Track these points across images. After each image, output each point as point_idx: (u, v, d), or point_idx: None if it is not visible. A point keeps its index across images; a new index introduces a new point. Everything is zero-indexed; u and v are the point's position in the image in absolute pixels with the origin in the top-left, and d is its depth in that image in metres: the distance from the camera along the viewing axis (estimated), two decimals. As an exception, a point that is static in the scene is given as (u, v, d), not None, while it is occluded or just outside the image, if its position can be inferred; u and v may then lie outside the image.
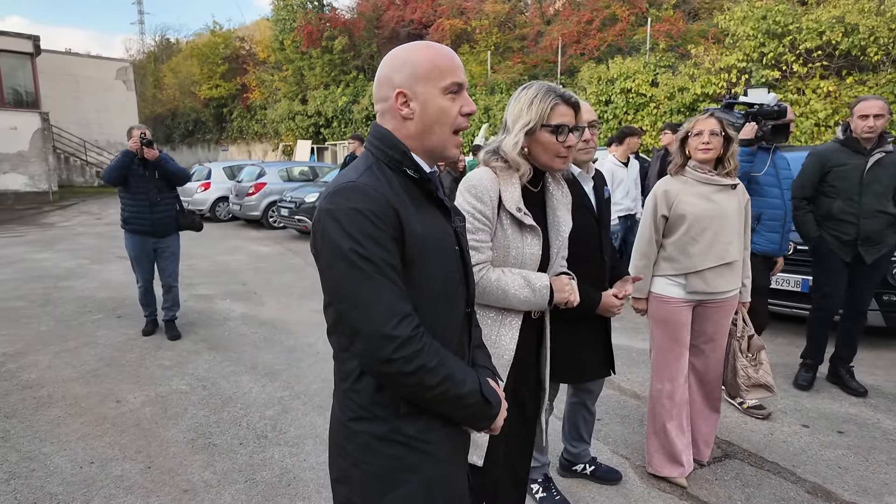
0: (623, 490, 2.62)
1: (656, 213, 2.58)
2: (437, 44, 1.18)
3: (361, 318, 1.03)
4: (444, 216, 1.20)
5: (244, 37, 31.56)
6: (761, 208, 3.31)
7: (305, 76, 23.97)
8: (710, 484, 2.66)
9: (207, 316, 5.50)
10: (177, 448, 2.99)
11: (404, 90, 1.12)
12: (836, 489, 2.61)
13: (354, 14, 23.84)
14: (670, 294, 2.57)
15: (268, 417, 3.34)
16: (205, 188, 13.30)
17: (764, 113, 3.22)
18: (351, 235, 1.02)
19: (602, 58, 14.75)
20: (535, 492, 2.55)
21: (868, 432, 3.15)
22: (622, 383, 3.86)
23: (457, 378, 1.10)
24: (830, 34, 9.80)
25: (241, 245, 10.04)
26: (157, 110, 35.71)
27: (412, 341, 1.03)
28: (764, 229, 3.35)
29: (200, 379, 3.92)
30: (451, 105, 1.14)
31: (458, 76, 1.14)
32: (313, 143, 22.50)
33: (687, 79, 11.95)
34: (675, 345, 2.59)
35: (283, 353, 4.43)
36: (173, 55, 37.70)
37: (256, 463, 2.84)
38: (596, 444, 3.01)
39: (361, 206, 1.03)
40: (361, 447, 1.12)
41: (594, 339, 2.34)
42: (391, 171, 1.12)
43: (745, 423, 3.28)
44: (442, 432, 1.17)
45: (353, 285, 1.03)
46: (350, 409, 1.14)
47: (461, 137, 1.19)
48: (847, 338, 3.74)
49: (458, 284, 1.20)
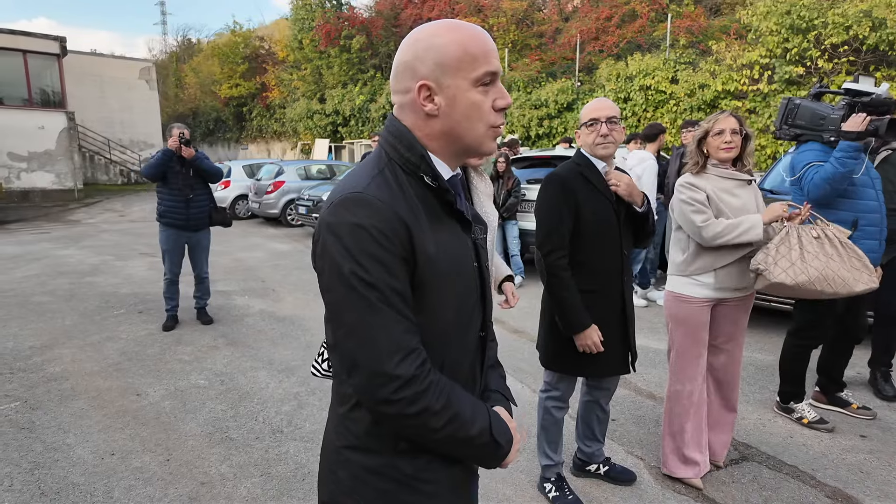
0: (637, 491, 2.60)
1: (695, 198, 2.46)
2: (467, 23, 0.99)
3: (359, 351, 0.91)
4: (462, 228, 1.06)
5: (263, 36, 31.92)
6: (858, 212, 2.94)
7: (324, 75, 24.15)
8: (726, 486, 2.62)
9: (227, 312, 5.58)
10: (195, 441, 3.04)
11: (428, 82, 0.95)
12: (857, 494, 2.55)
13: (372, 13, 23.94)
14: (692, 294, 2.54)
15: (284, 413, 3.38)
16: (225, 186, 13.47)
17: (875, 104, 2.80)
18: (353, 256, 0.89)
19: (621, 55, 14.60)
20: (548, 491, 2.54)
21: (892, 437, 3.08)
22: (638, 383, 3.83)
23: (464, 418, 0.97)
24: (857, 28, 9.56)
25: (260, 242, 10.17)
26: (179, 109, 36.29)
27: (416, 381, 0.91)
28: (861, 236, 2.93)
29: (219, 374, 3.99)
30: (484, 99, 0.96)
31: (492, 64, 0.96)
32: (331, 142, 22.66)
33: (708, 75, 11.77)
34: (695, 345, 2.56)
35: (299, 350, 4.48)
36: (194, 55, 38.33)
37: (272, 457, 2.88)
38: (610, 445, 2.99)
39: (366, 221, 0.90)
40: (353, 477, 1.02)
41: (614, 334, 2.36)
42: (406, 175, 0.98)
43: (763, 425, 3.22)
44: (444, 473, 1.05)
45: (352, 313, 0.90)
46: (345, 436, 1.03)
47: (500, 129, 1.02)
48: (880, 341, 3.66)
49: (475, 306, 1.08)
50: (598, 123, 2.25)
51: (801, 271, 2.30)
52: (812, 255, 2.33)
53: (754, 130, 10.85)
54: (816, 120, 2.96)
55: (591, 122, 2.26)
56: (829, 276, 2.32)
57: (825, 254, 2.35)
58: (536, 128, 14.96)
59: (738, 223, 2.38)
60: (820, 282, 2.32)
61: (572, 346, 2.34)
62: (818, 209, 3.01)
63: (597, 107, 2.28)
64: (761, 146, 10.72)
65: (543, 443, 2.57)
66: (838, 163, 2.81)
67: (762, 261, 2.36)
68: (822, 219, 2.46)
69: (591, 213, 2.28)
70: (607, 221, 2.30)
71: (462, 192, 1.10)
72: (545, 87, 15.23)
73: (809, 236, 2.38)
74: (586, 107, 2.32)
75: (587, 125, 2.28)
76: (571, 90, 14.69)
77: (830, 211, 2.99)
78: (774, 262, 2.33)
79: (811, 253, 2.34)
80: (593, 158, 2.32)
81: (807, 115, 3.00)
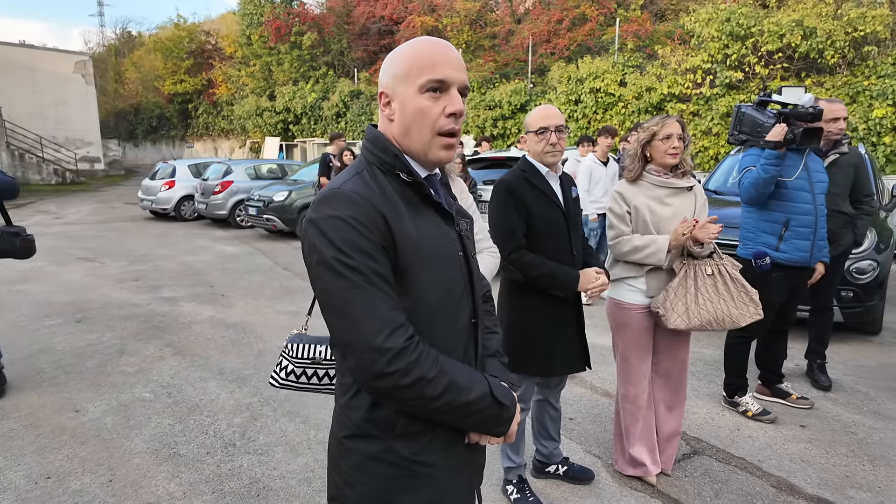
0: (595, 489, 2.64)
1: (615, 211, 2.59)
2: (433, 39, 1.10)
3: (350, 331, 0.98)
4: (444, 220, 1.14)
5: (210, 31, 30.88)
6: (790, 214, 3.11)
7: (273, 72, 23.57)
8: (679, 481, 2.70)
9: (173, 319, 5.34)
10: (140, 459, 2.88)
11: (386, 90, 1.09)
12: (799, 483, 2.68)
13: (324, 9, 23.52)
14: (631, 300, 2.58)
15: (236, 425, 3.25)
16: (169, 186, 12.93)
17: (798, 115, 2.98)
18: (334, 244, 0.97)
19: (572, 57, 14.91)
20: (510, 493, 2.55)
21: (829, 426, 3.25)
22: (594, 382, 3.90)
23: (461, 384, 1.03)
24: (790, 37, 10.12)
25: (207, 245, 9.80)
26: (119, 105, 34.63)
27: (406, 352, 0.97)
28: (792, 236, 3.12)
29: (165, 386, 3.80)
30: (432, 105, 1.05)
31: (438, 73, 1.05)
32: (282, 140, 22.13)
33: (654, 79, 12.18)
34: (639, 350, 2.61)
35: (251, 358, 4.33)
36: (135, 49, 36.61)
37: (224, 473, 2.76)
38: (569, 444, 3.03)
39: (344, 213, 0.98)
40: (355, 466, 1.08)
41: (568, 333, 2.42)
42: (384, 175, 1.07)
43: (712, 419, 3.35)
44: (442, 453, 1.11)
45: (340, 296, 0.98)
46: (345, 425, 1.10)
47: (453, 139, 1.09)
48: (816, 333, 3.86)
49: (463, 293, 1.13)
50: (549, 132, 2.27)
51: (694, 315, 2.42)
52: (705, 298, 2.45)
53: (698, 133, 11.31)
54: (756, 128, 3.13)
55: (542, 130, 2.28)
56: (719, 316, 2.45)
57: (717, 293, 2.47)
58: (491, 128, 15.09)
59: (644, 245, 2.46)
60: (711, 323, 2.46)
61: (529, 347, 2.36)
62: (756, 210, 3.22)
63: (546, 115, 2.30)
64: (704, 148, 11.18)
65: (505, 445, 2.57)
66: (761, 168, 3.04)
67: (661, 304, 2.47)
68: (718, 252, 2.56)
69: (540, 218, 2.32)
70: (556, 224, 2.35)
71: (442, 190, 1.18)
72: (499, 88, 15.39)
73: (704, 274, 2.48)
74: (534, 114, 2.33)
75: (537, 133, 2.29)
76: (524, 91, 14.89)
77: (765, 212, 3.20)
78: (672, 308, 2.44)
79: (704, 295, 2.45)
80: (538, 164, 2.35)
81: (749, 123, 3.17)
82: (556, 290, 2.34)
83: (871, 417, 3.34)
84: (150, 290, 6.44)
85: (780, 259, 3.14)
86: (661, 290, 2.51)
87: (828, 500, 2.55)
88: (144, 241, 10.04)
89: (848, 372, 4.01)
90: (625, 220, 2.54)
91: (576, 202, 2.47)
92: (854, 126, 9.10)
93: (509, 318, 2.42)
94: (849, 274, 4.31)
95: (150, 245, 9.60)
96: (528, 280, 2.33)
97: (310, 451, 2.96)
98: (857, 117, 9.17)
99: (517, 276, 2.35)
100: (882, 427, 3.22)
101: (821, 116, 3.01)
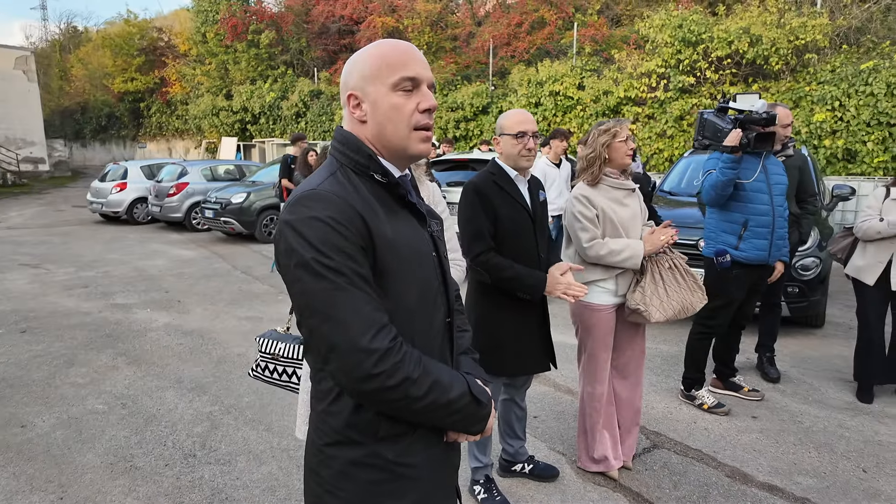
0: (560, 486, 2.69)
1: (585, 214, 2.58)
2: (395, 40, 1.11)
3: (335, 332, 0.96)
4: (418, 221, 1.14)
5: (162, 27, 29.84)
6: (748, 215, 3.22)
7: (230, 70, 22.99)
8: (640, 475, 2.78)
9: (126, 327, 5.14)
10: (93, 474, 2.76)
11: (355, 92, 1.08)
12: (751, 471, 2.81)
13: (282, 8, 23.10)
14: (600, 302, 2.63)
15: (196, 435, 3.16)
16: (120, 189, 12.43)
17: (752, 120, 3.11)
18: (314, 246, 0.95)
19: (532, 60, 15.12)
20: (477, 493, 2.57)
21: (778, 416, 3.41)
22: (557, 380, 3.97)
23: (444, 383, 1.04)
24: (738, 44, 10.55)
25: (161, 249, 9.47)
26: (65, 103, 33.06)
27: (392, 352, 0.96)
28: (751, 236, 3.23)
29: (119, 397, 3.65)
30: (405, 102, 1.06)
31: (410, 70, 1.06)
32: (240, 141, 21.60)
33: (611, 82, 12.48)
34: (604, 350, 2.68)
35: (210, 365, 4.21)
36: (81, 45, 35.00)
37: (184, 485, 2.68)
38: (534, 442, 3.08)
39: (323, 213, 0.97)
40: (337, 474, 1.06)
41: (533, 333, 2.46)
42: (358, 176, 1.06)
43: (670, 413, 3.46)
44: (424, 455, 1.11)
45: (323, 298, 0.96)
46: (325, 432, 1.07)
47: (429, 132, 1.10)
48: (766, 327, 4.04)
49: (437, 293, 1.14)
50: (527, 137, 2.30)
51: (668, 307, 2.53)
52: (672, 289, 2.56)
53: (653, 135, 11.67)
54: (716, 133, 3.24)
55: (521, 134, 2.30)
56: (685, 305, 2.57)
57: (677, 283, 2.59)
58: (454, 130, 15.14)
59: (620, 250, 2.52)
60: (680, 312, 2.57)
61: (497, 347, 2.38)
62: (717, 211, 3.35)
63: (524, 119, 2.32)
64: (659, 150, 11.53)
65: (473, 445, 2.59)
66: (719, 172, 3.17)
67: (640, 301, 2.54)
68: (670, 249, 2.67)
69: (507, 220, 2.35)
70: (523, 227, 2.39)
71: (413, 190, 1.17)
72: (461, 90, 15.46)
73: (664, 268, 2.59)
74: (511, 117, 2.33)
75: (516, 136, 2.30)
76: (486, 94, 15.01)
77: (725, 212, 3.32)
78: (650, 303, 2.53)
79: (671, 287, 2.56)
80: (507, 168, 2.38)
81: (710, 129, 3.28)
82: (523, 292, 2.36)
83: (816, 407, 3.53)
84: (100, 297, 6.18)
85: (740, 257, 3.25)
86: (630, 289, 2.58)
87: (777, 486, 2.68)
88: (94, 245, 9.63)
89: (795, 364, 4.22)
90: (595, 223, 2.57)
91: (543, 205, 2.51)
92: (797, 130, 9.57)
93: (477, 319, 2.44)
94: (794, 271, 4.53)
95: (100, 250, 9.21)
96: (495, 282, 2.35)
97: (274, 459, 2.91)
98: (800, 121, 9.65)
99: (485, 277, 2.37)
100: (826, 416, 3.41)
101: (774, 121, 3.13)
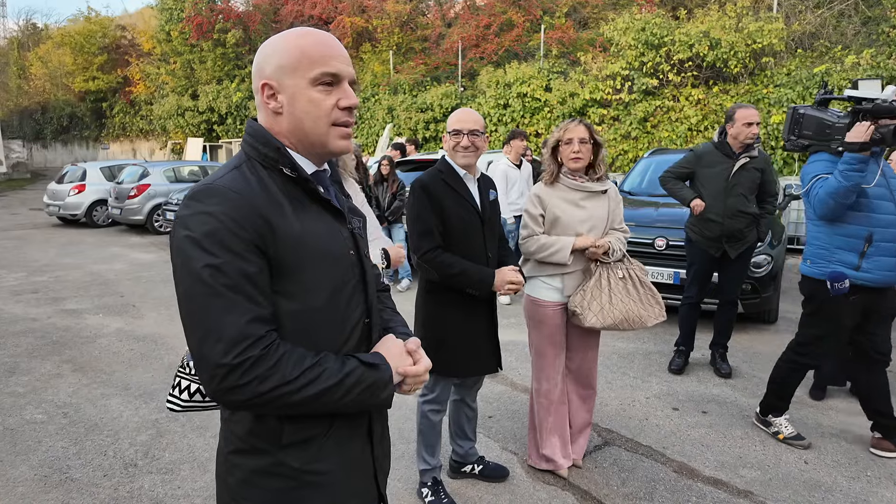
0: (510, 486, 2.68)
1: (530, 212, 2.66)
2: (317, 31, 1.06)
3: (203, 344, 0.91)
4: (335, 218, 1.10)
5: (125, 26, 29.02)
6: (872, 227, 2.66)
7: (196, 70, 22.50)
8: (589, 472, 2.79)
9: (75, 333, 4.96)
10: (25, 487, 2.64)
11: (271, 81, 1.03)
12: (698, 466, 2.84)
13: (249, 6, 22.73)
14: (546, 298, 2.65)
15: (139, 443, 3.06)
16: (79, 190, 12.05)
17: (881, 110, 2.53)
18: (201, 245, 0.91)
19: (500, 62, 15.19)
20: (425, 496, 2.55)
21: (727, 410, 3.47)
22: (514, 378, 3.97)
23: (331, 368, 0.97)
24: (699, 47, 10.79)
25: (120, 252, 9.20)
26: (24, 103, 31.90)
27: (263, 360, 0.91)
28: (876, 253, 2.66)
29: (61, 406, 3.51)
30: (325, 98, 1.02)
31: (331, 66, 1.02)
32: (206, 141, 21.16)
33: (577, 84, 12.62)
34: (552, 346, 2.68)
35: (161, 371, 4.09)
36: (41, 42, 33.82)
37: (122, 496, 2.59)
38: (486, 441, 3.06)
39: (216, 209, 0.92)
40: (241, 482, 1.04)
41: (482, 333, 2.46)
42: (266, 169, 1.02)
43: (623, 409, 3.49)
44: (337, 459, 1.07)
45: (199, 303, 0.91)
46: (230, 440, 1.06)
47: (349, 129, 1.07)
48: (721, 325, 4.10)
49: (354, 293, 1.10)
50: (461, 135, 2.32)
51: (608, 315, 2.53)
52: (618, 298, 2.57)
53: (618, 137, 11.83)
54: (823, 129, 2.75)
55: (455, 132, 2.34)
56: (630, 317, 2.57)
57: (628, 294, 2.59)
58: (423, 131, 15.11)
59: (550, 244, 2.57)
60: (622, 322, 2.57)
61: (444, 348, 2.36)
62: (827, 224, 2.79)
63: (461, 118, 2.36)
64: (624, 151, 11.70)
65: (421, 447, 2.57)
66: (842, 176, 2.60)
67: (578, 304, 2.56)
68: (628, 257, 2.69)
69: (455, 218, 2.36)
70: (471, 225, 2.39)
71: (332, 186, 1.14)
72: (430, 91, 15.44)
73: (616, 277, 2.60)
74: (453, 116, 2.39)
75: (451, 134, 2.36)
76: (455, 95, 15.03)
77: (840, 226, 2.74)
78: (588, 307, 2.54)
79: (617, 295, 2.57)
80: (456, 166, 2.39)
81: (813, 125, 2.79)
82: (471, 288, 2.36)
83: (764, 401, 3.60)
84: (50, 303, 5.96)
85: (862, 280, 2.69)
86: (577, 291, 2.59)
87: (722, 480, 2.72)
88: (48, 249, 9.30)
89: (746, 359, 4.31)
90: (538, 221, 2.62)
91: (493, 205, 2.51)
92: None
93: (425, 318, 2.45)
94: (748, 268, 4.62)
95: (53, 254, 8.89)
96: (443, 279, 2.34)
97: (219, 467, 2.82)
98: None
99: (433, 275, 2.35)
100: (773, 409, 3.48)
101: None
